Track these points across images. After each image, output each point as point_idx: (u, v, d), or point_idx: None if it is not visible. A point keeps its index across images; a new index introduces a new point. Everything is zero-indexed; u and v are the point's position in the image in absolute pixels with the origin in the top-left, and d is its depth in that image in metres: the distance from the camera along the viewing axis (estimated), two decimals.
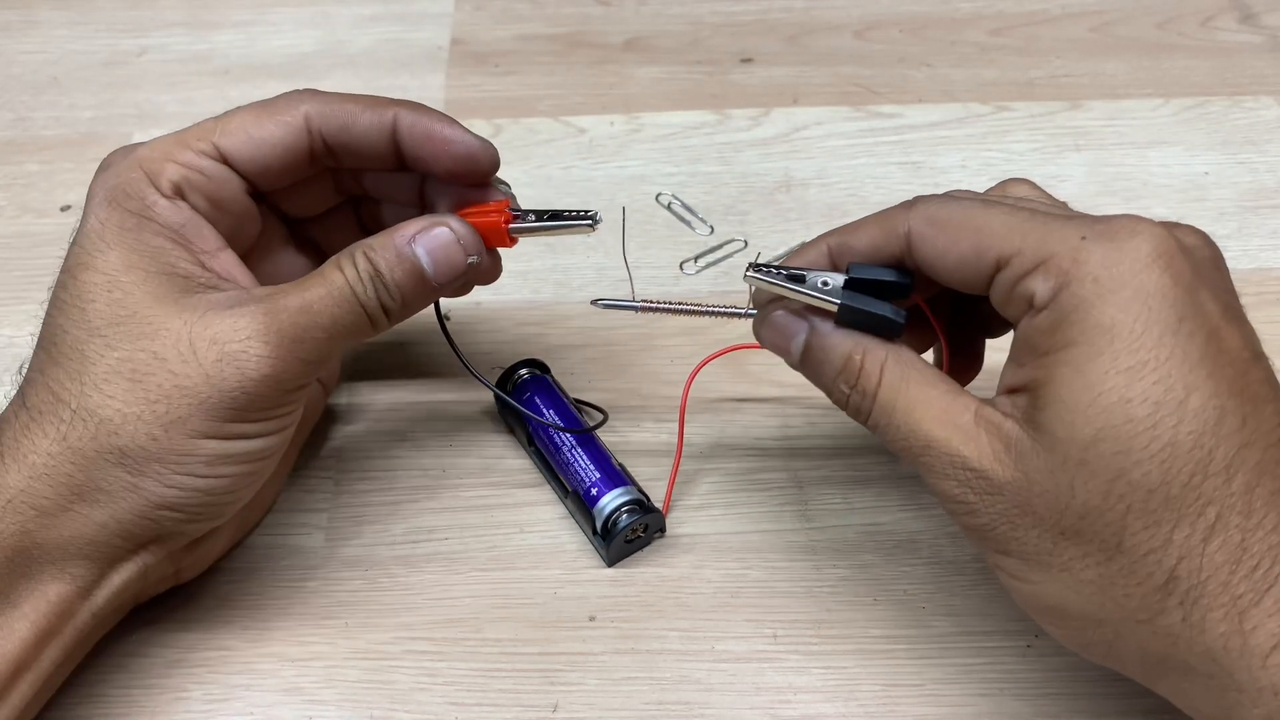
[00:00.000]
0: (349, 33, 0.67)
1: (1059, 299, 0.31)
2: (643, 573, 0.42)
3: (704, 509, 0.44)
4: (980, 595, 0.41)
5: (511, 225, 0.39)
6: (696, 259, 0.53)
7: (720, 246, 0.54)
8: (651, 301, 0.40)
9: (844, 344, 0.35)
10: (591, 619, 0.41)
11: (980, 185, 0.38)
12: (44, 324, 0.36)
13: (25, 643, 0.34)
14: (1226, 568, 0.29)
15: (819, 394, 0.37)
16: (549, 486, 0.45)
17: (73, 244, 0.37)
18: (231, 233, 0.39)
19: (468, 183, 0.40)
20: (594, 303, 0.41)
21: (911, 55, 0.66)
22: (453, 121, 0.39)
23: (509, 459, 0.46)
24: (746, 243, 0.54)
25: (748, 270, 0.36)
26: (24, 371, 0.37)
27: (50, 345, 0.36)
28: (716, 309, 0.40)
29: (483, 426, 0.47)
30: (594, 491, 0.42)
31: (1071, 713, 0.38)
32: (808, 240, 0.37)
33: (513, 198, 0.40)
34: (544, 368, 0.47)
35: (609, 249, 0.54)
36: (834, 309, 0.35)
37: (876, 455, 0.46)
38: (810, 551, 0.43)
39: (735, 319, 0.40)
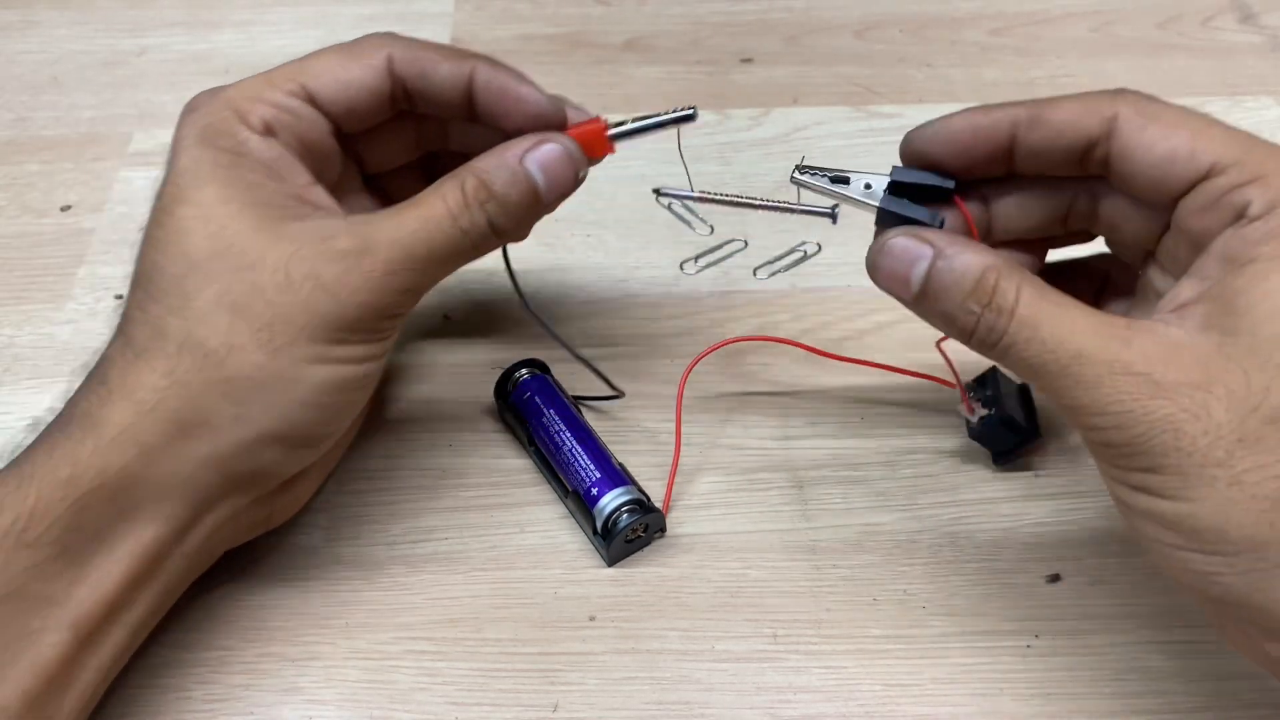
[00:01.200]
0: (349, 33, 0.66)
1: (1277, 211, 0.31)
2: (643, 573, 0.42)
3: (704, 509, 0.44)
4: (979, 595, 0.41)
5: (610, 131, 0.40)
6: (696, 259, 0.53)
7: (720, 246, 0.53)
8: (709, 193, 0.41)
9: (976, 262, 0.33)
10: (591, 619, 0.41)
11: None
12: (139, 262, 0.36)
13: (120, 585, 0.34)
14: None
15: (819, 393, 0.37)
16: (549, 486, 0.45)
17: (164, 184, 0.37)
18: (316, 174, 0.39)
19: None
20: (655, 191, 0.42)
21: (911, 55, 0.66)
22: (527, 80, 0.39)
23: (509, 459, 0.46)
24: (746, 243, 0.54)
25: (794, 172, 0.37)
26: (123, 311, 0.37)
27: (147, 282, 0.36)
28: (784, 205, 0.41)
29: (482, 426, 0.47)
30: (594, 491, 0.42)
31: (1071, 713, 0.38)
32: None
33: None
34: (544, 367, 0.47)
35: (609, 249, 0.54)
36: (873, 211, 0.36)
37: (876, 455, 0.46)
38: (810, 551, 0.43)
39: (789, 214, 0.41)
